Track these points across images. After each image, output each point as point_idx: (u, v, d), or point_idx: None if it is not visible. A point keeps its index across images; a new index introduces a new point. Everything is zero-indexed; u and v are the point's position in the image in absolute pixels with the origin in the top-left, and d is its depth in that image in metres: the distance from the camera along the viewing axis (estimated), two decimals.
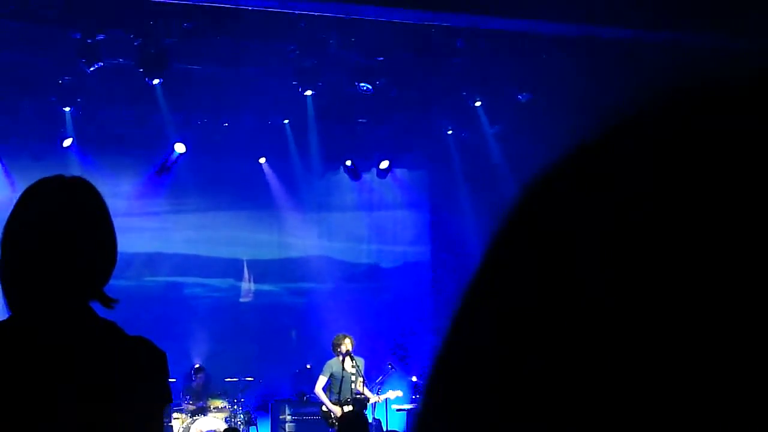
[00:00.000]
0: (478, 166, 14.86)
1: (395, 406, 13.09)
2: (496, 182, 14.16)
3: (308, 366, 14.67)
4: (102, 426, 2.19)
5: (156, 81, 12.57)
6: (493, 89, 13.61)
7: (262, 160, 15.42)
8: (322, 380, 12.00)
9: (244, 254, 15.53)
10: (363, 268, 15.99)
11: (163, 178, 14.91)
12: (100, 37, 11.78)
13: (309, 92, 13.38)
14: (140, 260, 14.29)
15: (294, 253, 15.66)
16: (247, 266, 15.63)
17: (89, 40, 11.76)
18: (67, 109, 13.60)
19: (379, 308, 15.38)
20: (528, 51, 12.09)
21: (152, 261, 14.76)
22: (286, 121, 14.67)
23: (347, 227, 16.00)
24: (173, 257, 15.08)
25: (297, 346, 15.38)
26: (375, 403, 12.53)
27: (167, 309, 14.22)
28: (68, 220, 2.28)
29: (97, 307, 2.32)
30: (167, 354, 2.37)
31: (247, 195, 15.31)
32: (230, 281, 15.52)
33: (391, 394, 12.67)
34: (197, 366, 13.45)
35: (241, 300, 15.59)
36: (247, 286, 15.69)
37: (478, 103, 14.10)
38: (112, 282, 2.33)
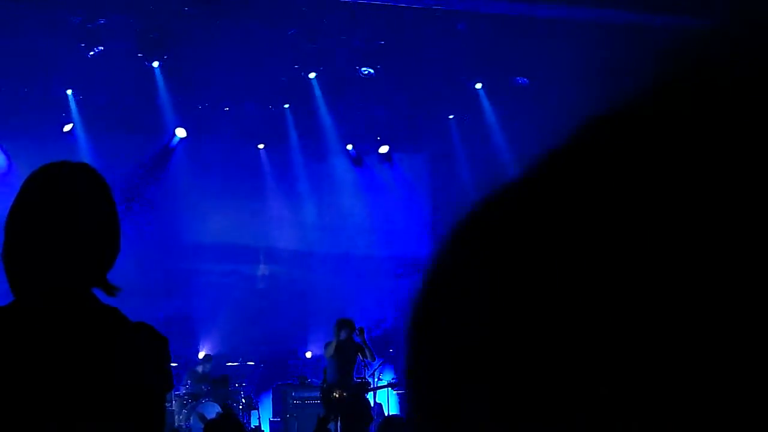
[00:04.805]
0: (478, 150, 14.85)
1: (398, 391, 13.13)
2: (497, 166, 14.15)
3: (308, 354, 14.72)
4: (103, 412, 2.20)
5: (156, 64, 12.55)
6: (494, 73, 13.60)
7: (261, 146, 15.42)
8: (328, 360, 11.86)
9: (246, 240, 15.53)
10: (363, 252, 15.99)
11: (164, 163, 14.91)
12: (101, 21, 11.75)
13: (313, 74, 13.40)
14: (142, 246, 14.29)
15: (295, 239, 15.66)
16: (253, 252, 15.65)
17: (90, 25, 11.74)
18: (69, 91, 13.58)
19: (379, 293, 15.39)
20: (529, 35, 12.07)
21: (155, 247, 14.75)
22: (287, 106, 14.66)
23: (348, 212, 15.99)
24: (174, 243, 15.08)
25: (299, 330, 15.41)
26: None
27: (171, 295, 14.22)
28: (72, 206, 2.28)
29: (100, 295, 2.33)
30: (169, 339, 2.37)
31: (247, 180, 15.30)
32: (232, 266, 15.52)
33: (386, 385, 12.70)
34: (206, 354, 13.50)
35: (259, 287, 15.66)
36: (261, 272, 15.75)
37: (478, 85, 14.11)
38: (115, 268, 2.33)
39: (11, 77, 12.74)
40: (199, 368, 13.04)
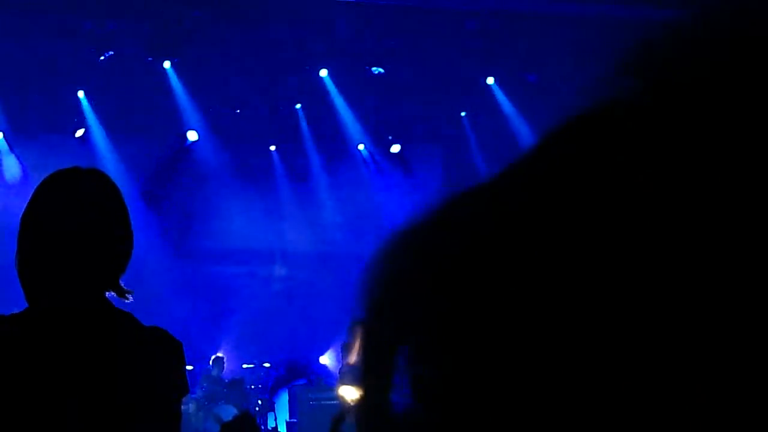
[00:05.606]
0: (492, 146, 14.82)
1: None
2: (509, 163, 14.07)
3: (324, 357, 14.72)
4: (119, 417, 2.20)
5: (167, 64, 12.60)
6: (505, 70, 13.58)
7: (273, 148, 15.42)
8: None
9: (261, 241, 15.51)
10: None
11: (177, 166, 14.93)
12: (111, 26, 11.79)
13: (324, 72, 13.43)
14: (156, 249, 14.31)
15: (310, 240, 15.65)
16: (268, 253, 15.65)
17: (99, 30, 11.78)
18: (81, 94, 13.61)
19: None
20: (540, 31, 12.05)
21: (169, 250, 14.77)
22: (298, 106, 14.66)
23: (362, 211, 15.96)
24: (188, 246, 15.09)
25: (315, 331, 15.40)
26: None
27: (186, 298, 14.24)
28: (84, 212, 2.28)
29: (113, 298, 2.33)
30: (184, 342, 2.37)
31: (261, 181, 15.29)
32: (247, 268, 15.52)
33: None
34: (217, 355, 13.50)
35: (275, 288, 15.65)
36: (277, 273, 15.75)
37: (490, 80, 14.10)
38: (130, 273, 2.33)
39: (23, 85, 12.77)
40: (212, 371, 13.05)
